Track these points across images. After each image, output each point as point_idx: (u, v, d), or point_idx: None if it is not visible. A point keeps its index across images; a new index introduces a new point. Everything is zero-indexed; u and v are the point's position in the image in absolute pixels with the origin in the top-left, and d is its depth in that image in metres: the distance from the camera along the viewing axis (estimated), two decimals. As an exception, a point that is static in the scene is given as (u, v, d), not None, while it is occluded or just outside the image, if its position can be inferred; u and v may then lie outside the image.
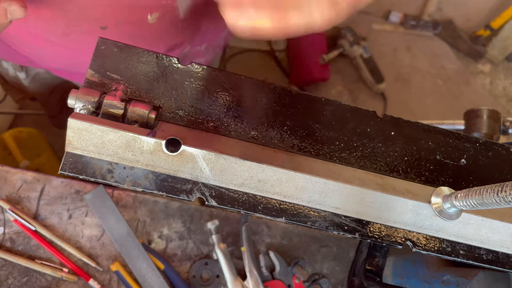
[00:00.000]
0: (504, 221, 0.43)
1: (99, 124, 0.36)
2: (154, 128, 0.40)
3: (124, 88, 0.40)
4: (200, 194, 0.39)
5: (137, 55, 0.42)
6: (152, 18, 0.59)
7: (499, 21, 2.38)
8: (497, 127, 0.75)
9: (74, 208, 0.75)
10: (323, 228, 0.42)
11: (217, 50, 0.88)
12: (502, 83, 2.51)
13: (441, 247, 0.44)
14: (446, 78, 2.39)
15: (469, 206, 0.36)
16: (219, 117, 0.43)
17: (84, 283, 0.71)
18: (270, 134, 0.44)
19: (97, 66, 0.41)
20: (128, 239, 0.73)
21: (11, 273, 0.70)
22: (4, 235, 0.72)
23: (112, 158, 0.38)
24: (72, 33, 0.59)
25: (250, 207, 0.40)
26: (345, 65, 2.28)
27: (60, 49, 0.63)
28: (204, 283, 0.75)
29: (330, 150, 0.45)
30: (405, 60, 2.39)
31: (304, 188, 0.40)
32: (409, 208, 0.42)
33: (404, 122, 0.47)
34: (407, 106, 2.26)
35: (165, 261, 0.74)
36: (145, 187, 0.39)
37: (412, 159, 0.47)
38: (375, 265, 0.57)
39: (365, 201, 0.41)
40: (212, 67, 0.43)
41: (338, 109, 0.46)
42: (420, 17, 2.44)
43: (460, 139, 0.48)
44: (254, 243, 0.80)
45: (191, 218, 0.79)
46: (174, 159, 0.38)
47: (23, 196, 0.74)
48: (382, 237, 0.43)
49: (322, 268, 0.81)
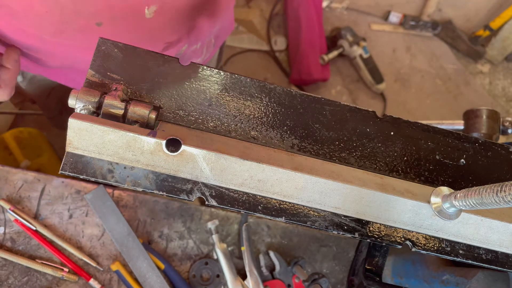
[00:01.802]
0: (503, 220, 0.43)
1: (100, 124, 0.36)
2: (155, 128, 0.40)
3: (125, 88, 0.40)
4: (200, 194, 0.40)
5: (137, 55, 0.42)
6: (150, 11, 0.57)
7: (499, 22, 2.38)
8: (496, 127, 0.75)
9: (75, 208, 0.75)
10: (322, 227, 0.42)
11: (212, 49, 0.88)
12: (501, 83, 2.51)
13: (441, 246, 0.44)
14: (445, 78, 2.39)
15: (468, 206, 0.37)
16: (219, 117, 0.43)
17: (85, 282, 0.71)
18: (270, 134, 0.44)
19: (97, 66, 0.41)
20: (129, 239, 0.73)
21: (11, 273, 0.70)
22: (5, 234, 0.72)
23: (112, 158, 0.38)
24: (65, 30, 0.57)
25: (250, 207, 0.41)
26: (345, 65, 2.28)
27: (54, 47, 0.62)
28: (204, 283, 0.75)
29: (330, 150, 0.45)
30: (404, 60, 2.39)
31: (304, 188, 0.40)
32: (409, 208, 0.42)
33: (403, 122, 0.47)
34: (406, 106, 2.26)
35: (165, 261, 0.74)
36: (146, 187, 0.39)
37: (411, 159, 0.47)
38: (375, 264, 0.57)
39: (364, 201, 0.41)
40: (212, 67, 0.44)
41: (337, 109, 0.46)
42: (420, 18, 2.44)
43: (460, 139, 0.48)
44: (254, 243, 0.80)
45: (191, 218, 0.79)
46: (174, 159, 0.38)
47: (24, 196, 0.74)
48: (382, 236, 0.43)
49: (322, 268, 0.81)
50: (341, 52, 2.19)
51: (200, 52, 0.80)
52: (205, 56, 0.85)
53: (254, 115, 0.44)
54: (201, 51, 0.80)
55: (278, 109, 0.44)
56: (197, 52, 0.79)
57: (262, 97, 0.44)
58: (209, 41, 0.81)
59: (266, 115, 0.44)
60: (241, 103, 0.44)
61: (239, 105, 0.44)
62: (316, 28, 2.12)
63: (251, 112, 0.44)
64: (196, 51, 0.78)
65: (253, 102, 0.44)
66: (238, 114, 0.44)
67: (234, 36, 2.20)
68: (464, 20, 2.51)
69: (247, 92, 0.44)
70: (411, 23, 2.40)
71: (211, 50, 0.87)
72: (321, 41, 2.15)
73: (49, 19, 0.55)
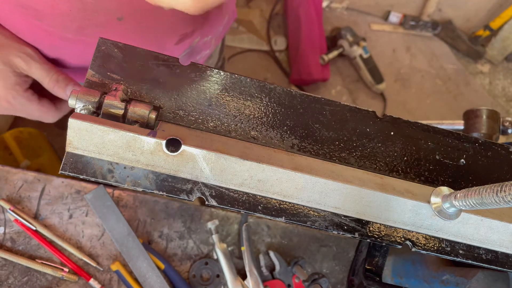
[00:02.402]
0: (503, 220, 0.43)
1: (100, 124, 0.36)
2: (155, 128, 0.40)
3: (125, 88, 0.40)
4: (200, 194, 0.40)
5: (138, 55, 0.42)
6: None
7: (498, 22, 2.38)
8: (496, 127, 0.75)
9: (75, 208, 0.75)
10: (322, 228, 0.42)
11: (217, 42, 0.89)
12: (501, 83, 2.51)
13: (441, 246, 0.44)
14: (445, 78, 2.39)
15: (468, 206, 0.37)
16: (219, 117, 0.43)
17: (85, 282, 0.71)
18: (270, 134, 0.44)
19: (97, 66, 0.41)
20: (129, 239, 0.73)
21: (11, 273, 0.70)
22: (5, 234, 0.72)
23: (112, 158, 0.38)
24: (87, 27, 0.58)
25: (250, 207, 0.41)
26: (345, 65, 2.28)
27: (75, 45, 0.63)
28: (204, 283, 0.75)
29: (329, 150, 0.45)
30: (404, 60, 2.39)
31: (304, 188, 0.40)
32: (409, 208, 0.42)
33: (403, 122, 0.47)
34: (406, 106, 2.26)
35: (165, 261, 0.74)
36: (146, 187, 0.39)
37: (411, 159, 0.47)
38: (375, 264, 0.57)
39: (364, 201, 0.41)
40: (212, 67, 0.44)
41: (337, 109, 0.46)
42: (420, 18, 2.44)
43: (460, 139, 0.48)
44: (254, 243, 0.80)
45: (191, 218, 0.79)
46: (174, 159, 0.38)
47: (24, 196, 0.74)
48: (382, 236, 0.43)
49: (322, 268, 0.81)
50: (341, 52, 2.19)
51: (209, 44, 0.82)
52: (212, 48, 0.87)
53: (254, 115, 0.44)
54: (209, 43, 0.82)
55: (278, 109, 0.44)
56: (207, 44, 0.81)
57: (262, 97, 0.44)
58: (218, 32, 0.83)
59: (266, 115, 0.44)
60: (241, 103, 0.44)
61: (239, 105, 0.44)
62: (316, 28, 2.12)
63: (251, 112, 0.44)
64: (207, 43, 0.80)
65: (253, 102, 0.44)
66: (238, 114, 0.44)
67: (234, 36, 2.20)
68: (464, 20, 2.51)
69: (247, 92, 0.44)
70: (411, 23, 2.41)
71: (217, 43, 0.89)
72: (321, 41, 2.15)
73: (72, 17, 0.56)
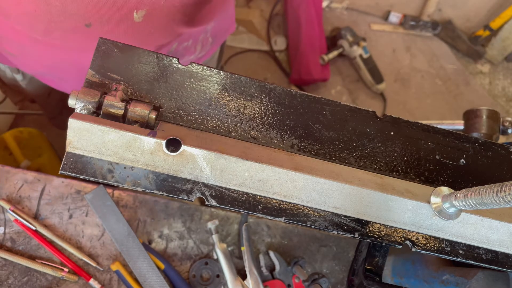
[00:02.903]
0: (503, 220, 0.43)
1: (100, 124, 0.36)
2: (155, 128, 0.40)
3: (125, 88, 0.40)
4: (200, 194, 0.40)
5: (138, 55, 0.42)
6: (139, 16, 0.57)
7: (498, 22, 2.38)
8: (496, 127, 0.75)
9: (75, 208, 0.75)
10: (322, 227, 0.42)
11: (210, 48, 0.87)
12: (501, 83, 2.51)
13: (441, 246, 0.44)
14: (445, 78, 2.39)
15: (468, 206, 0.37)
16: (219, 117, 0.43)
17: (85, 282, 0.71)
18: (270, 134, 0.44)
19: (97, 66, 0.41)
20: (129, 239, 0.73)
21: (11, 273, 0.70)
22: (5, 235, 0.72)
23: (112, 158, 0.38)
24: (55, 30, 0.57)
25: (250, 207, 0.41)
26: (345, 65, 2.28)
27: (44, 47, 0.62)
28: (204, 283, 0.75)
29: (329, 150, 0.45)
30: (404, 60, 2.39)
31: (304, 188, 0.40)
32: (409, 208, 0.42)
33: (403, 122, 0.47)
34: (406, 106, 2.26)
35: (165, 261, 0.74)
36: (146, 187, 0.39)
37: (411, 159, 0.47)
38: (375, 264, 0.57)
39: (364, 200, 0.41)
40: (212, 68, 0.44)
41: (337, 109, 0.46)
42: (420, 18, 2.44)
43: (460, 139, 0.48)
44: (254, 243, 0.80)
45: (191, 218, 0.79)
46: (174, 159, 0.38)
47: (24, 196, 0.74)
48: (382, 236, 0.43)
49: (322, 268, 0.81)
50: (341, 52, 2.19)
51: (192, 49, 0.79)
52: (200, 54, 0.84)
53: (254, 115, 0.44)
54: (194, 48, 0.79)
55: (278, 109, 0.44)
56: (189, 49, 0.78)
57: (262, 97, 0.44)
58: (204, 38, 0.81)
59: (266, 115, 0.44)
60: (241, 103, 0.44)
61: (239, 105, 0.44)
62: (316, 28, 2.12)
63: (251, 112, 0.44)
64: (188, 48, 0.78)
65: (253, 102, 0.44)
66: (238, 114, 0.44)
67: (234, 36, 2.20)
68: (464, 20, 2.51)
69: (247, 92, 0.44)
70: (411, 23, 2.40)
71: (208, 49, 0.86)
72: (321, 41, 2.15)
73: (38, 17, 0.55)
